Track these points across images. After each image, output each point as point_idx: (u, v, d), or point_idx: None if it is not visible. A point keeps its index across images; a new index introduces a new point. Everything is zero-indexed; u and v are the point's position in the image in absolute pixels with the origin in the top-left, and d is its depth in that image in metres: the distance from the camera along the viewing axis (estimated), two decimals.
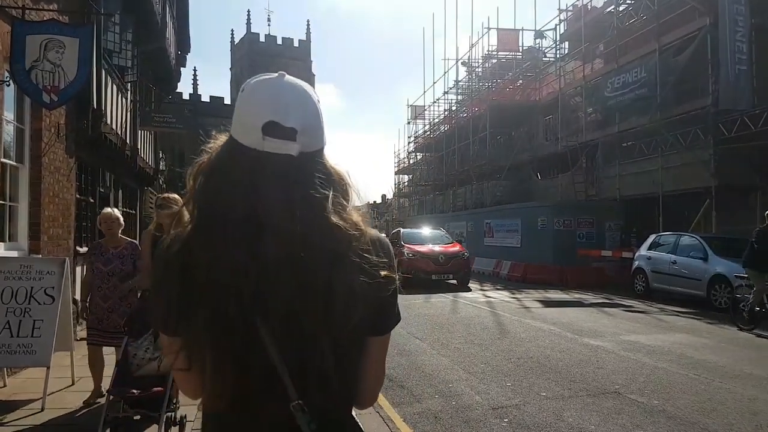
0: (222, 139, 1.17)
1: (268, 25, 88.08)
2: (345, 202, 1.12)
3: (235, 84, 60.36)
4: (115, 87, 12.35)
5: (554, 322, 10.52)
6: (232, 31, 62.69)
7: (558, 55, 25.91)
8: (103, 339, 5.29)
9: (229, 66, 62.85)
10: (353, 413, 1.19)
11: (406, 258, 16.55)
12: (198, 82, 56.58)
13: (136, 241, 5.33)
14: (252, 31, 57.16)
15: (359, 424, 1.19)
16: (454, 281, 17.33)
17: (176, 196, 4.36)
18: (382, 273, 1.11)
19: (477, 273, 22.84)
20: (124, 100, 13.54)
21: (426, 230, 21.32)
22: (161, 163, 35.40)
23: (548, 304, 13.55)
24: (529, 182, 25.42)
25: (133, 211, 17.17)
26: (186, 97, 50.85)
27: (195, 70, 56.58)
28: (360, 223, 1.12)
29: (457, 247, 18.38)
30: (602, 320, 10.99)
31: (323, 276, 1.04)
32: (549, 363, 7.44)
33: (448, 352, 8.20)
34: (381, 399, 6.10)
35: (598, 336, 9.24)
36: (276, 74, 1.14)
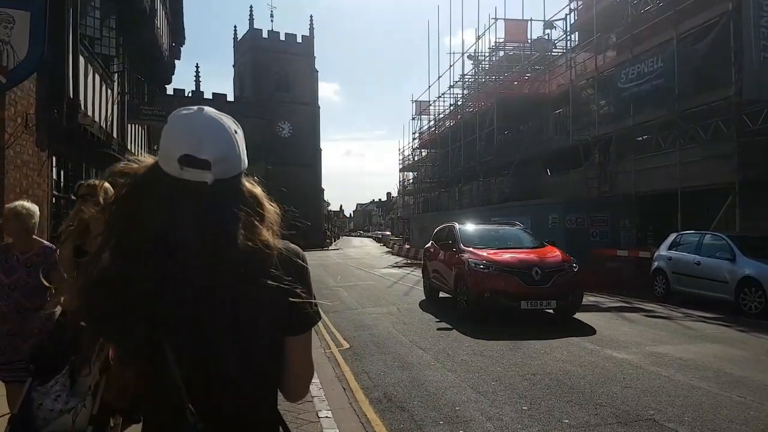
0: (148, 161, 1.28)
1: (271, 21, 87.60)
2: (258, 222, 1.25)
3: (239, 81, 59.56)
4: (97, 77, 11.55)
5: (571, 330, 9.63)
6: (235, 27, 61.99)
7: (568, 46, 24.91)
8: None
9: (233, 63, 62.08)
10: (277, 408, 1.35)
11: (470, 271, 10.57)
12: (200, 79, 55.83)
13: (53, 246, 4.04)
14: (255, 27, 56.28)
15: (282, 418, 1.35)
16: (552, 310, 10.66)
17: (106, 183, 3.30)
18: (291, 281, 1.24)
19: None
20: (109, 91, 12.73)
21: (492, 226, 14.24)
22: None
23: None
24: (538, 178, 24.48)
25: None
26: (188, 94, 50.23)
27: (197, 67, 55.89)
28: (269, 240, 1.24)
29: (557, 254, 11.54)
30: (623, 327, 10.10)
31: (230, 292, 1.18)
32: (569, 381, 6.57)
33: (455, 365, 7.34)
34: (378, 424, 5.29)
35: (621, 347, 8.35)
36: (195, 108, 1.25)
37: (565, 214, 19.21)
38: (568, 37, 25.59)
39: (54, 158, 9.98)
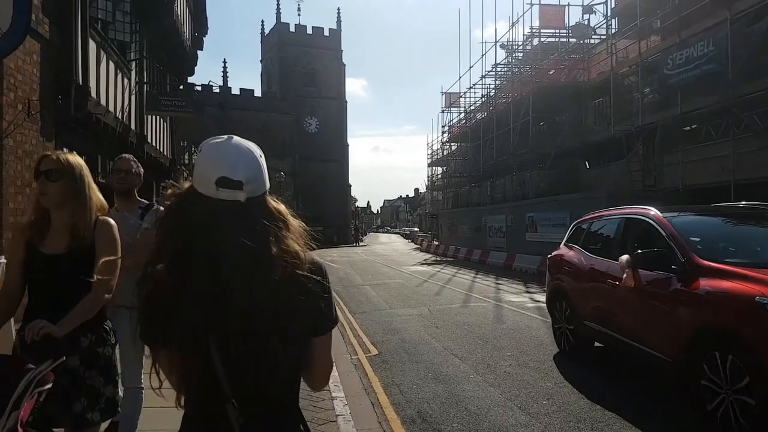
0: (185, 186, 1.44)
1: (298, 14, 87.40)
2: (286, 233, 1.41)
3: (266, 76, 59.18)
4: (112, 64, 10.93)
5: None
6: (262, 22, 61.89)
7: (609, 32, 23.63)
8: None
9: (260, 59, 61.83)
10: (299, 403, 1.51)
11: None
12: (228, 75, 55.63)
13: None
14: (282, 21, 55.80)
15: (302, 416, 1.49)
16: None
17: (78, 158, 2.68)
18: (317, 288, 1.41)
19: (520, 272, 20.97)
20: (126, 80, 12.13)
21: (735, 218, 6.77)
22: (187, 156, 34.38)
23: None
24: (576, 172, 23.30)
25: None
26: (216, 90, 49.99)
27: (225, 62, 55.78)
28: (299, 251, 1.41)
29: None
30: None
31: (266, 295, 1.34)
32: (635, 399, 5.65)
33: (497, 378, 6.46)
34: None
35: None
36: (225, 137, 1.42)
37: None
38: (609, 23, 24.28)
39: (64, 150, 9.38)
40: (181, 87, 17.82)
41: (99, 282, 2.51)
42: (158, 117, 15.32)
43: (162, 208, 3.67)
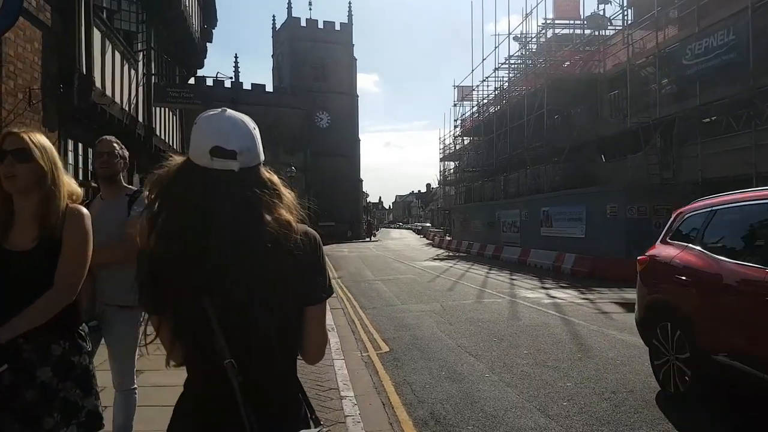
0: (179, 159, 1.48)
1: (310, 9, 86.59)
2: (278, 203, 1.43)
3: (277, 71, 58.93)
4: (118, 54, 10.71)
5: None
6: (274, 17, 61.49)
7: (625, 22, 23.11)
8: None
9: (271, 53, 61.61)
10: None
11: None
12: (239, 70, 55.44)
13: None
14: (293, 15, 55.51)
15: (302, 387, 1.54)
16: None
17: (39, 135, 2.31)
18: (309, 257, 1.44)
19: (534, 267, 20.60)
20: (133, 71, 11.91)
21: None
22: None
23: (629, 307, 11.18)
24: (592, 165, 22.83)
25: None
26: (228, 85, 49.86)
27: (236, 57, 55.61)
28: (291, 220, 1.43)
29: None
30: None
31: (261, 262, 1.37)
32: (660, 402, 5.34)
33: (514, 378, 6.16)
34: None
35: None
36: (219, 110, 1.45)
37: (627, 203, 17.66)
38: (625, 13, 23.74)
39: (71, 141, 9.18)
40: (193, 81, 17.59)
41: (60, 279, 2.13)
42: (167, 110, 15.13)
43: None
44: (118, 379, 3.25)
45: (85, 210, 2.27)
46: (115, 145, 3.35)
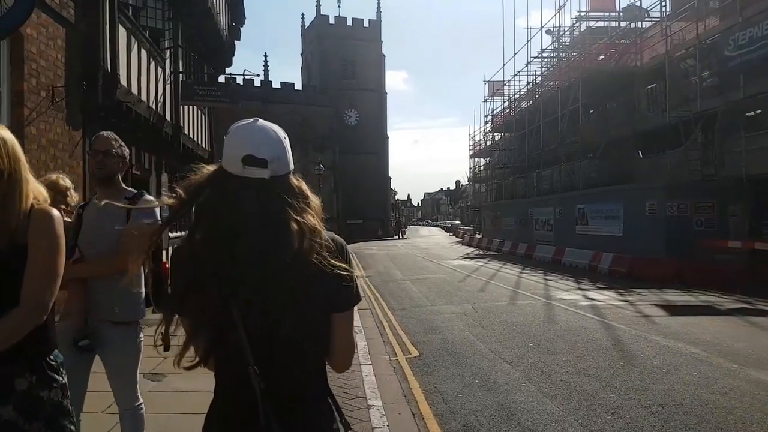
0: (211, 168, 1.51)
1: (338, 6, 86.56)
2: (307, 208, 1.46)
3: (306, 70, 58.94)
4: (144, 52, 10.60)
5: (693, 341, 7.83)
6: (303, 15, 61.53)
7: (663, 13, 22.29)
8: None
9: (300, 52, 61.71)
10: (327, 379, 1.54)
11: None
12: (269, 69, 55.62)
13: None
14: (322, 13, 55.44)
15: (331, 391, 1.53)
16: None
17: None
18: (335, 264, 1.42)
19: (569, 267, 20.03)
20: (160, 69, 11.81)
21: None
22: None
23: (672, 310, 10.72)
24: (629, 161, 22.06)
25: None
26: (257, 84, 50.05)
27: (266, 56, 55.85)
28: (317, 226, 1.45)
29: None
30: (759, 337, 8.21)
31: (287, 268, 1.38)
32: (713, 416, 4.93)
33: (553, 388, 5.79)
34: None
35: (766, 365, 6.54)
36: (251, 120, 1.50)
37: (667, 200, 16.99)
38: (663, 4, 22.90)
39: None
40: (224, 80, 17.48)
41: (27, 296, 1.77)
42: (196, 108, 15.04)
43: (152, 198, 3.11)
44: (121, 398, 3.00)
45: (55, 212, 1.88)
46: (113, 142, 3.00)
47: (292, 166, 1.51)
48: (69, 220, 3.42)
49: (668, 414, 4.98)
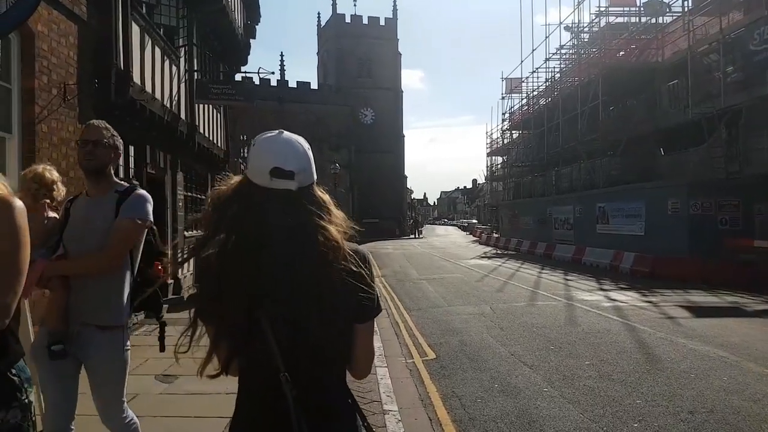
0: (236, 178, 1.55)
1: (354, 5, 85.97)
2: (330, 221, 1.48)
3: (322, 69, 58.93)
4: (158, 50, 10.51)
5: (720, 344, 7.54)
6: (319, 14, 61.70)
7: (686, 8, 21.82)
8: None
9: (316, 51, 61.70)
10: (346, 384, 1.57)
11: None
12: (285, 69, 55.70)
13: None
14: (338, 12, 55.37)
15: (351, 392, 1.56)
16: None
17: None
18: (358, 276, 1.46)
19: (590, 266, 19.69)
20: (174, 68, 11.73)
21: None
22: (246, 150, 34.37)
23: (697, 311, 10.40)
24: (650, 159, 21.61)
25: (203, 197, 15.64)
26: (273, 83, 50.11)
27: (282, 56, 55.96)
28: (339, 239, 1.46)
29: None
30: None
31: (312, 279, 1.42)
32: (746, 425, 4.69)
33: (576, 393, 5.56)
34: None
35: None
36: (276, 132, 1.53)
37: (690, 198, 16.60)
38: None
39: None
40: (240, 80, 17.41)
41: None
42: (211, 107, 14.95)
43: (144, 192, 2.92)
44: (104, 411, 2.72)
45: (16, 201, 1.65)
46: (105, 132, 2.73)
47: (315, 177, 1.53)
48: (55, 215, 3.21)
49: (698, 422, 4.74)
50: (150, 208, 2.74)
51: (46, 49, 6.67)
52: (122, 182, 2.89)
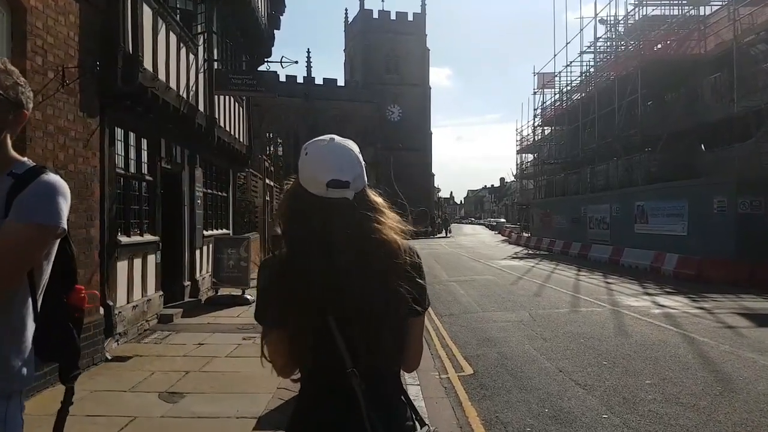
0: (291, 186, 1.59)
1: (382, 0, 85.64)
2: (386, 223, 1.53)
3: (349, 65, 58.46)
4: (173, 36, 9.89)
5: None
6: (346, 10, 60.97)
7: None
8: None
9: (343, 48, 61.25)
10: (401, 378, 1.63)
11: None
12: (311, 65, 55.33)
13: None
14: (365, 8, 54.75)
15: (403, 387, 1.60)
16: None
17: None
18: (417, 270, 1.54)
19: (628, 268, 18.64)
20: (192, 56, 11.10)
21: None
22: (278, 148, 33.82)
23: (758, 320, 9.38)
24: (692, 155, 20.43)
25: (224, 194, 15.07)
26: (300, 80, 49.73)
27: (308, 52, 55.57)
28: (397, 238, 1.52)
29: None
30: None
31: (378, 279, 1.47)
32: None
33: (642, 421, 4.71)
34: None
35: None
36: (327, 139, 1.53)
37: (738, 197, 15.48)
38: None
39: (119, 130, 8.38)
40: (265, 70, 16.71)
41: None
42: (233, 100, 14.34)
43: (54, 179, 1.90)
44: None
45: None
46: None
47: (366, 180, 1.55)
48: None
49: None
50: (64, 204, 1.65)
51: (40, 26, 6.02)
52: (25, 159, 1.71)
